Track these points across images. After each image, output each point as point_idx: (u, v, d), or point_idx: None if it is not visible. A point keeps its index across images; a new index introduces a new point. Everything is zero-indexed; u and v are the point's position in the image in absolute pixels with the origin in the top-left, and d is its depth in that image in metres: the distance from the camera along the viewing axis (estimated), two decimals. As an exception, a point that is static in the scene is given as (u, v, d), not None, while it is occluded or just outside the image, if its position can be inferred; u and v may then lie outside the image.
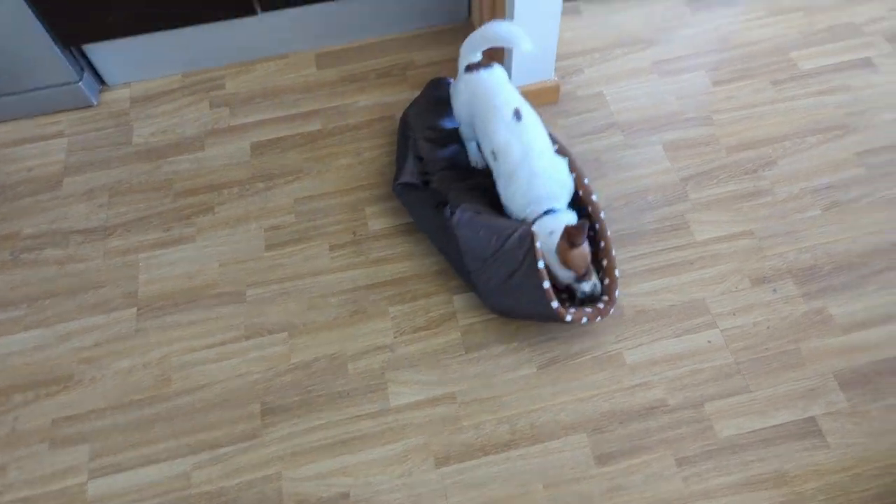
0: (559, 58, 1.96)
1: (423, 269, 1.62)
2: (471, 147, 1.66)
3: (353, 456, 1.39)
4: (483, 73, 1.53)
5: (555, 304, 1.38)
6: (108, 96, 1.98)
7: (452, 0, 2.01)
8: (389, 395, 1.45)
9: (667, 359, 1.47)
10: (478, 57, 1.56)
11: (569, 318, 1.39)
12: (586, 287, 1.44)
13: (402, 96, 1.92)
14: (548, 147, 1.48)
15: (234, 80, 1.99)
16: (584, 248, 1.39)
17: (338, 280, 1.61)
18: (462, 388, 1.46)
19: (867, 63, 1.91)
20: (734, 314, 1.52)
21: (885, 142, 1.76)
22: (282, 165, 1.81)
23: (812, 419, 1.38)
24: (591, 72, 1.94)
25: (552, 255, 1.39)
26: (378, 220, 1.70)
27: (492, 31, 1.49)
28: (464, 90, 1.55)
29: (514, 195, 1.47)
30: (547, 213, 1.44)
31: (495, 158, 1.49)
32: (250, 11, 1.82)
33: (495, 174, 1.52)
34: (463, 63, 1.57)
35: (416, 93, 1.89)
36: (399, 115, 1.87)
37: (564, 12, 2.06)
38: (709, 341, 1.49)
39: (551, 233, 1.39)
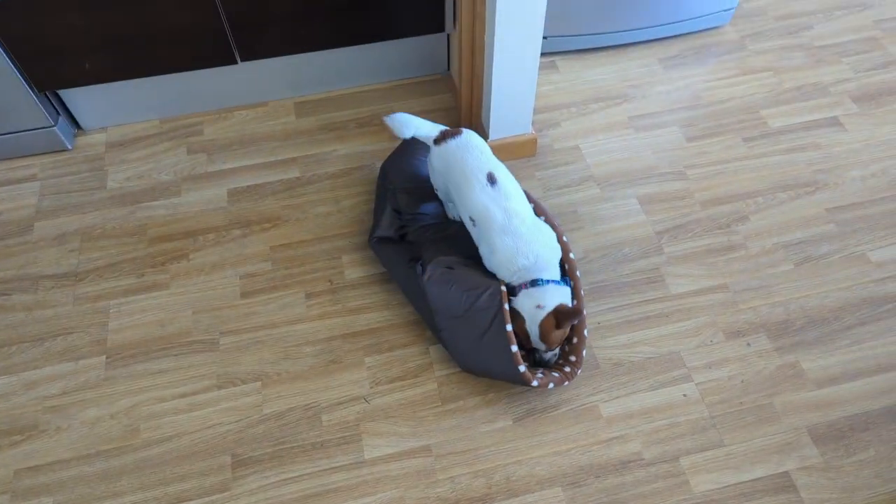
0: (537, 111, 2.00)
1: (399, 318, 1.61)
2: (448, 206, 1.66)
3: (325, 511, 1.36)
4: (451, 143, 1.51)
5: (522, 368, 1.37)
6: (83, 140, 1.97)
7: (433, 52, 2.05)
8: (364, 448, 1.43)
9: (643, 412, 1.47)
10: (434, 131, 1.55)
11: (535, 383, 1.39)
12: (548, 356, 1.45)
13: (381, 146, 1.93)
14: (528, 212, 1.46)
15: (213, 127, 1.99)
16: (566, 329, 1.40)
17: (313, 329, 1.60)
18: (438, 441, 1.44)
19: (835, 122, 1.98)
20: (709, 367, 1.52)
21: (854, 199, 1.81)
22: (259, 212, 1.81)
23: (786, 474, 1.38)
24: (567, 125, 1.98)
25: (535, 325, 1.37)
26: (355, 269, 1.69)
27: (396, 122, 1.54)
28: (437, 162, 1.55)
29: (500, 265, 1.43)
30: (535, 282, 1.39)
31: (475, 225, 1.47)
32: (231, 60, 1.84)
33: (476, 240, 1.49)
34: (408, 134, 1.56)
35: (396, 143, 1.91)
36: (379, 163, 1.88)
37: (542, 67, 2.11)
38: (684, 395, 1.49)
39: (538, 307, 1.36)
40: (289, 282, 1.67)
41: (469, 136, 1.52)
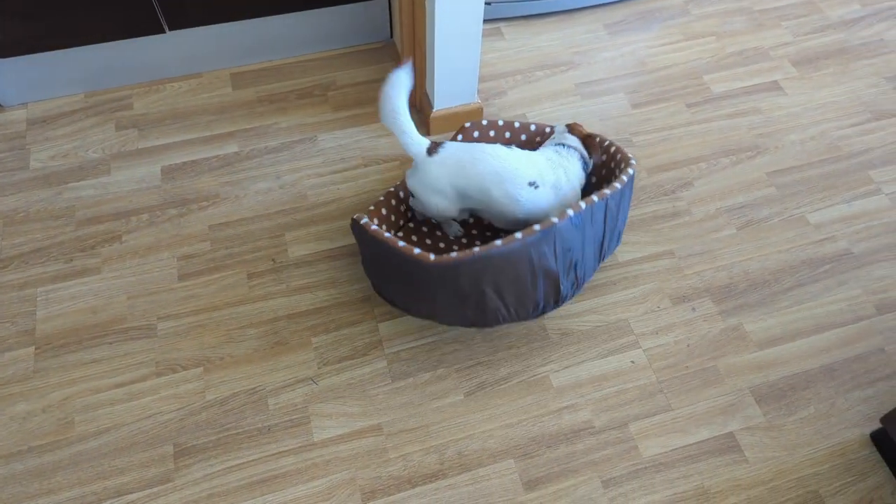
0: (482, 79, 1.96)
1: (347, 296, 1.57)
2: (451, 226, 1.59)
3: (274, 495, 1.33)
4: (450, 148, 1.41)
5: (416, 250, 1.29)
6: (1, 118, 1.85)
7: (374, 19, 1.98)
8: (313, 430, 1.40)
9: (592, 380, 1.47)
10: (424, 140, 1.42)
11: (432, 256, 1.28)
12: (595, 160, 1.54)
13: (324, 118, 1.87)
14: (549, 170, 1.44)
15: (143, 100, 1.89)
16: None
17: (257, 310, 1.55)
18: (389, 419, 1.42)
19: (775, 86, 2.00)
20: (656, 333, 1.54)
21: (793, 162, 1.83)
22: (196, 190, 1.73)
23: (731, 434, 1.41)
24: (513, 93, 1.95)
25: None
26: (299, 247, 1.64)
27: (392, 96, 1.35)
28: (438, 170, 1.41)
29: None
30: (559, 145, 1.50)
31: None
32: (158, 30, 1.74)
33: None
34: (410, 143, 1.39)
35: (339, 114, 1.87)
36: (322, 136, 1.82)
37: (486, 34, 2.06)
38: (632, 361, 1.50)
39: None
40: (229, 262, 1.61)
41: (457, 144, 1.44)
